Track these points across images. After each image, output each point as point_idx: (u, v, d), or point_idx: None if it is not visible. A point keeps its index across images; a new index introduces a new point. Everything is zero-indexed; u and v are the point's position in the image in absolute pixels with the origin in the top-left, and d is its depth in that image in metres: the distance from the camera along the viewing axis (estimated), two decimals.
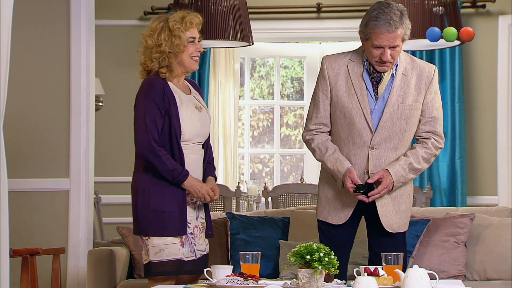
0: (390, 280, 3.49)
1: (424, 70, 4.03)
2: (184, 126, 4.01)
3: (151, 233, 3.96)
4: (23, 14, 5.89)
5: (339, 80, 4.02)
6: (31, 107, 5.94)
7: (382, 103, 3.99)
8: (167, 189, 3.97)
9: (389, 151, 4.00)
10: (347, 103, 3.99)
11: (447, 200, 7.43)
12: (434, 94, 4.03)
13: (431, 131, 4.04)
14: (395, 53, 3.91)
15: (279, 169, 8.49)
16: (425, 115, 4.03)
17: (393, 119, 3.98)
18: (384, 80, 3.98)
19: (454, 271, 4.82)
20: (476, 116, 7.53)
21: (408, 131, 4.02)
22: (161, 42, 4.01)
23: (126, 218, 7.30)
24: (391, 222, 4.04)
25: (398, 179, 3.97)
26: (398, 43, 3.89)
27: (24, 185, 5.91)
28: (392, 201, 4.04)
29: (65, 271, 5.87)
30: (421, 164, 4.01)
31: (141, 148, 3.97)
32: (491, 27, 7.52)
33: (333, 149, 4.02)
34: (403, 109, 3.98)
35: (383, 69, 3.95)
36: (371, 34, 3.89)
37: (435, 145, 4.04)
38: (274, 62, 8.62)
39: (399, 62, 4.00)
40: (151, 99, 3.98)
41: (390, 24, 3.85)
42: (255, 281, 3.52)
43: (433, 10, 6.08)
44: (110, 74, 7.60)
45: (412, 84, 4.00)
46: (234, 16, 6.10)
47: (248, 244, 4.96)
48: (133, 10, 7.68)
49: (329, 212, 4.08)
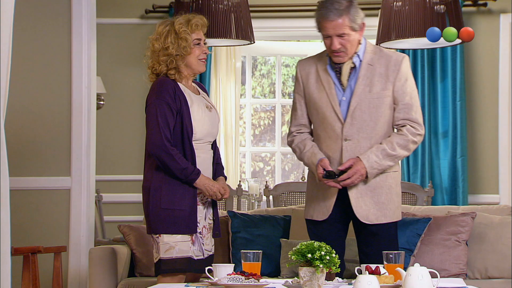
0: (391, 278, 3.49)
1: (391, 58, 4.07)
2: (196, 125, 4.05)
3: (161, 231, 3.99)
4: (25, 13, 5.90)
5: (309, 78, 4.12)
6: (33, 105, 5.95)
7: (349, 94, 4.04)
8: (179, 188, 4.01)
9: (363, 141, 4.02)
10: (318, 98, 4.08)
11: (448, 199, 7.42)
12: (404, 81, 4.05)
13: (406, 118, 4.04)
14: (344, 42, 3.98)
15: (280, 168, 8.49)
16: (398, 103, 4.05)
17: (361, 108, 4.01)
18: (344, 71, 4.04)
19: (455, 270, 4.82)
20: (478, 115, 7.53)
21: (380, 119, 4.03)
22: (168, 45, 4.06)
23: (127, 217, 7.32)
24: (367, 213, 4.03)
25: (371, 165, 3.97)
26: (345, 31, 3.96)
27: (25, 184, 5.92)
28: (370, 192, 4.03)
29: (66, 270, 5.88)
30: (396, 150, 4.00)
31: (154, 147, 3.99)
32: (493, 25, 7.52)
33: (310, 145, 4.10)
34: (371, 97, 4.01)
35: (338, 59, 4.03)
36: (320, 25, 4.02)
37: (411, 131, 4.03)
38: (275, 61, 8.62)
39: (364, 53, 4.05)
40: (163, 99, 4.01)
41: (333, 13, 3.95)
42: (256, 280, 3.52)
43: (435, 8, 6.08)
44: (111, 73, 7.60)
45: (379, 73, 4.04)
46: (235, 15, 6.10)
47: (249, 242, 4.97)
48: (134, 8, 7.68)
49: (314, 209, 4.13)
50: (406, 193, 6.05)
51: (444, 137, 7.49)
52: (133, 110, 7.59)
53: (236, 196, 6.57)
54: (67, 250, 5.66)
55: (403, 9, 6.10)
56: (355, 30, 3.99)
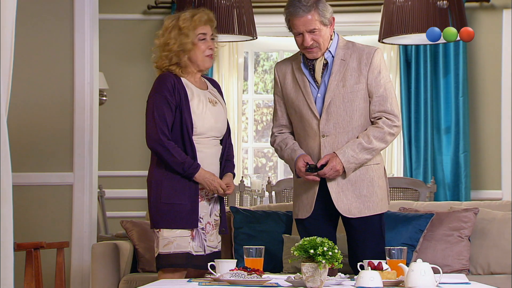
0: (393, 274, 3.49)
1: (364, 51, 4.08)
2: (196, 119, 4.04)
3: (162, 225, 4.00)
4: (27, 8, 5.89)
5: (286, 79, 4.15)
6: (35, 101, 5.95)
7: (324, 90, 4.06)
8: (179, 182, 4.01)
9: (340, 136, 4.03)
10: (295, 97, 4.10)
11: (451, 194, 7.43)
12: (377, 73, 4.05)
13: (381, 110, 4.05)
14: (316, 37, 4.01)
15: (283, 163, 8.49)
16: (373, 95, 4.05)
17: (336, 103, 4.02)
18: (317, 67, 4.06)
19: (457, 265, 4.82)
20: (480, 111, 7.53)
21: (356, 113, 4.03)
22: (169, 40, 4.06)
23: (130, 212, 7.32)
24: (349, 207, 4.03)
25: (347, 159, 3.97)
26: (316, 26, 4.00)
27: (28, 179, 5.92)
28: (351, 185, 4.03)
29: (69, 265, 5.88)
30: (372, 143, 4.00)
31: (150, 141, 4.01)
32: (495, 21, 7.51)
33: (291, 143, 4.13)
34: (344, 92, 4.02)
35: (312, 55, 4.05)
36: (289, 24, 4.09)
37: (387, 123, 4.03)
38: (278, 56, 8.61)
39: (337, 48, 4.07)
40: (161, 94, 4.01)
41: (302, 9, 4.01)
42: (259, 275, 3.52)
43: (437, 4, 6.07)
44: (114, 68, 7.60)
45: (352, 67, 4.05)
46: (238, 10, 6.10)
47: (251, 238, 4.97)
48: (136, 4, 7.68)
49: (299, 208, 4.14)
50: (408, 189, 6.05)
51: (447, 133, 7.48)
52: (135, 105, 7.59)
53: (239, 192, 6.57)
54: (69, 246, 5.67)
55: (406, 4, 6.10)
56: (325, 24, 4.03)
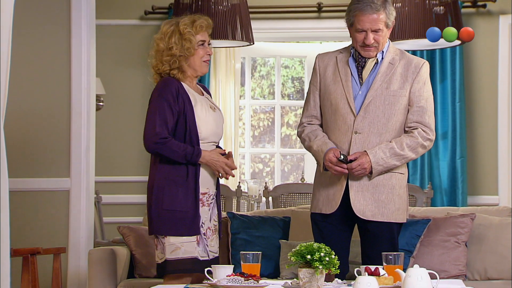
0: (390, 279, 3.49)
1: (412, 61, 4.11)
2: (200, 124, 4.06)
3: (165, 232, 3.99)
4: (24, 14, 5.89)
5: (327, 70, 4.16)
6: (32, 106, 5.94)
7: (366, 88, 4.07)
8: (181, 189, 4.01)
9: (373, 136, 4.04)
10: (333, 89, 4.11)
11: (447, 200, 7.42)
12: (422, 84, 4.08)
13: (419, 121, 4.06)
14: (378, 37, 4.03)
15: (280, 169, 8.49)
16: (413, 105, 4.07)
17: (376, 103, 4.03)
18: (368, 65, 4.08)
19: (454, 271, 4.82)
20: (477, 116, 7.53)
21: (393, 117, 4.04)
22: (172, 45, 4.06)
23: (127, 218, 7.31)
24: (364, 208, 4.03)
25: (376, 160, 3.98)
26: (381, 27, 4.02)
27: (24, 185, 5.91)
28: (372, 188, 4.04)
29: (65, 271, 5.87)
30: (405, 151, 4.01)
31: (145, 141, 4.02)
32: (492, 26, 7.52)
33: (321, 135, 4.13)
34: (387, 94, 4.04)
35: (368, 54, 4.06)
36: (354, 18, 4.04)
37: (422, 135, 4.04)
38: (274, 62, 8.62)
39: (387, 52, 4.10)
40: (164, 98, 4.02)
41: (371, 7, 4.00)
42: (256, 281, 3.52)
43: (434, 10, 6.08)
44: (110, 74, 7.60)
45: (398, 72, 4.07)
46: (234, 16, 6.10)
47: (248, 243, 4.97)
48: (133, 9, 7.68)
49: (323, 203, 4.13)
50: None
51: (444, 139, 7.49)
52: (132, 111, 7.59)
53: (236, 197, 6.57)
54: (66, 252, 5.66)
55: (403, 10, 6.11)
56: (388, 26, 4.06)
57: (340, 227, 4.11)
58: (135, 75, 7.53)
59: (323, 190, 4.14)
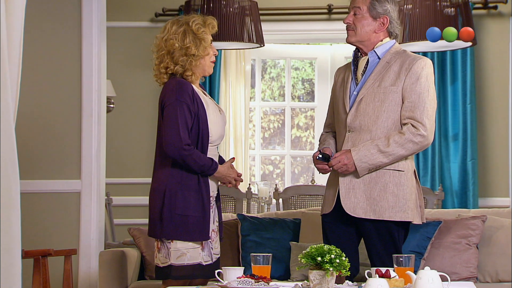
0: (401, 282, 3.48)
1: (409, 58, 4.08)
2: (212, 127, 4.07)
3: (175, 237, 3.98)
4: (35, 16, 5.91)
5: (339, 78, 4.24)
6: (43, 108, 5.96)
7: (360, 87, 4.10)
8: (193, 194, 4.01)
9: (363, 133, 4.04)
10: (337, 93, 4.18)
11: (458, 202, 7.41)
12: (415, 79, 4.02)
13: (410, 116, 4.01)
14: (356, 19, 4.08)
15: (290, 171, 8.49)
16: (404, 100, 4.04)
17: (366, 101, 4.04)
18: (360, 64, 4.11)
19: (465, 273, 4.81)
20: (488, 118, 7.51)
21: (383, 114, 4.02)
22: (188, 45, 4.01)
23: (137, 220, 7.32)
24: (354, 206, 4.02)
25: (359, 158, 3.97)
26: (360, 6, 4.07)
27: (35, 187, 5.93)
28: (364, 185, 4.03)
29: (76, 273, 5.88)
30: (390, 147, 3.97)
31: (172, 148, 3.96)
32: (503, 28, 7.50)
33: (324, 140, 4.22)
34: (378, 91, 4.04)
35: (348, 39, 4.12)
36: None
37: (411, 130, 3.98)
38: (285, 64, 8.62)
39: (387, 52, 4.08)
40: (183, 101, 3.99)
41: None
42: (266, 283, 3.52)
43: (445, 11, 6.07)
44: (121, 76, 7.62)
45: (393, 69, 4.07)
46: (245, 18, 6.11)
47: (259, 245, 4.97)
48: (144, 12, 7.70)
49: (324, 203, 4.19)
50: None
51: (455, 140, 7.47)
52: (143, 113, 7.60)
53: (246, 199, 6.57)
54: (77, 253, 5.67)
55: (414, 12, 6.10)
56: (372, 15, 4.06)
57: (340, 227, 4.11)
58: (146, 77, 7.54)
59: (326, 191, 4.20)
